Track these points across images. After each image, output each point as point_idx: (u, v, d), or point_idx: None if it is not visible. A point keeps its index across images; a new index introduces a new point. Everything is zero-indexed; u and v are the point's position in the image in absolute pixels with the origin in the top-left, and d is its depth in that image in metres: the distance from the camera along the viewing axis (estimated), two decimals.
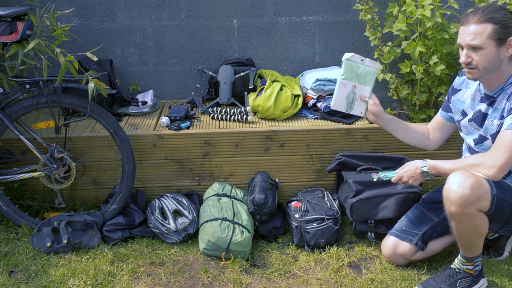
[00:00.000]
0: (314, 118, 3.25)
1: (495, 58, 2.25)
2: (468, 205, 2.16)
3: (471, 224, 2.21)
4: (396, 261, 2.60)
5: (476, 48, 2.24)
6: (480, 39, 2.22)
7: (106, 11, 3.49)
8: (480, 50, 2.24)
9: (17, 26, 2.64)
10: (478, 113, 2.40)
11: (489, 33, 2.21)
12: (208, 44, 3.58)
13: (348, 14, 3.56)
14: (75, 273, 2.54)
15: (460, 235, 2.28)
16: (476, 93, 2.44)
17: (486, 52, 2.23)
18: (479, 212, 2.20)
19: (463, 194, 2.15)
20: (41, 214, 3.00)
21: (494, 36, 2.21)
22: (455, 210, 2.19)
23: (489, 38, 2.22)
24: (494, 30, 2.21)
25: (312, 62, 3.65)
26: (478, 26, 2.22)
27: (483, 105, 2.39)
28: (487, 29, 2.21)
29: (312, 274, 2.58)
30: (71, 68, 2.63)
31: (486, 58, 2.24)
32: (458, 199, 2.16)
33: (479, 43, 2.23)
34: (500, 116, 2.31)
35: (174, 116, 3.14)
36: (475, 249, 2.32)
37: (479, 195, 2.16)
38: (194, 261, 2.68)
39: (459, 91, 2.54)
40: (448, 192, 2.19)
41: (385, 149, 3.10)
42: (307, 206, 2.85)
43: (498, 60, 2.26)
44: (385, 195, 2.77)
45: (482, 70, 2.27)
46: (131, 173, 2.89)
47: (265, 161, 3.10)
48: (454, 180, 2.18)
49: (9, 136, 2.97)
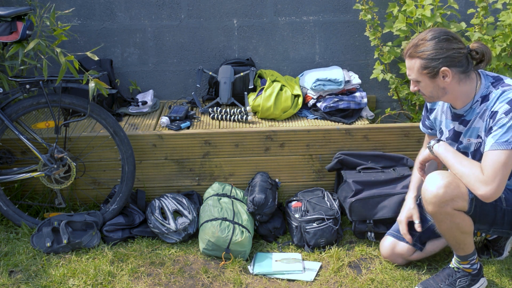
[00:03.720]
0: (314, 118, 3.25)
1: (434, 88, 2.23)
2: (443, 205, 2.18)
3: (451, 222, 2.24)
4: (394, 261, 2.60)
5: (414, 81, 2.25)
6: (413, 74, 2.22)
7: (106, 11, 3.49)
8: (418, 82, 2.24)
9: (17, 26, 2.64)
10: (452, 131, 2.39)
11: (418, 68, 2.20)
12: (208, 44, 3.58)
13: (348, 14, 3.56)
14: (75, 273, 2.54)
15: (444, 233, 2.31)
16: (447, 111, 2.41)
17: (423, 84, 2.23)
18: (457, 211, 2.21)
19: (437, 194, 2.17)
20: (41, 214, 3.00)
21: (423, 70, 2.19)
22: (431, 210, 2.23)
23: (419, 73, 2.20)
24: (421, 65, 2.18)
25: (312, 62, 3.65)
26: (409, 61, 2.22)
27: (455, 123, 2.37)
28: (416, 65, 2.20)
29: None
30: (71, 68, 2.63)
31: (426, 89, 2.24)
32: (432, 199, 2.19)
33: (414, 77, 2.23)
34: (476, 135, 2.29)
35: (174, 116, 3.14)
36: (465, 247, 2.32)
37: (454, 195, 2.17)
38: (194, 261, 2.68)
39: (434, 110, 2.50)
40: (424, 192, 2.24)
41: (385, 149, 3.10)
42: (307, 206, 2.85)
43: (439, 88, 2.22)
44: (384, 195, 2.77)
45: (429, 98, 2.29)
46: (131, 173, 2.89)
47: (265, 161, 3.11)
48: (431, 180, 2.22)
49: (9, 136, 2.97)
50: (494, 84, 2.23)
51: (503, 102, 2.15)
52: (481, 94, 2.24)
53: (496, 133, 2.14)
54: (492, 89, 2.22)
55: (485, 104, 2.22)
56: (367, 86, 3.70)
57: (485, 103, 2.22)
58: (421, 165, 2.45)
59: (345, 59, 3.65)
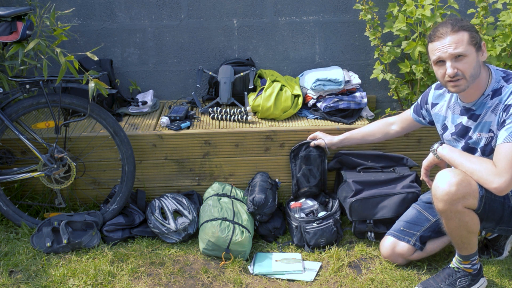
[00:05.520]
0: (314, 118, 3.25)
1: (477, 63, 2.24)
2: (454, 202, 2.18)
3: (459, 221, 2.23)
4: (395, 261, 2.60)
5: (461, 56, 2.22)
6: (462, 46, 2.21)
7: (106, 11, 3.49)
8: (464, 58, 2.22)
9: (17, 26, 2.64)
10: (460, 126, 2.39)
11: (468, 39, 2.21)
12: (208, 44, 3.58)
13: (348, 14, 3.56)
14: (75, 273, 2.54)
15: (451, 232, 2.31)
16: (455, 106, 2.41)
17: (470, 59, 2.22)
18: (467, 209, 2.22)
19: (449, 191, 2.17)
20: (41, 214, 3.00)
21: (472, 41, 2.22)
22: (442, 207, 2.22)
23: (469, 44, 2.22)
24: (470, 36, 2.22)
25: (312, 62, 3.65)
26: (455, 35, 2.22)
27: (464, 118, 2.37)
28: (464, 37, 2.21)
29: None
30: (71, 68, 2.63)
31: (471, 65, 2.23)
32: (444, 196, 2.19)
33: (463, 50, 2.21)
34: (487, 129, 2.29)
35: (174, 116, 3.14)
36: (468, 247, 2.32)
37: (465, 192, 2.18)
38: (194, 261, 2.68)
39: (437, 105, 2.51)
40: (436, 189, 2.23)
41: (384, 149, 3.10)
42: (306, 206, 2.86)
43: (479, 65, 2.25)
44: (384, 195, 2.77)
45: (469, 78, 2.24)
46: (131, 173, 2.89)
47: (265, 161, 3.11)
48: (442, 177, 2.22)
49: (9, 136, 2.97)
50: (506, 78, 2.26)
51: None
52: (492, 88, 2.26)
53: (510, 125, 2.16)
54: (504, 83, 2.25)
55: (497, 98, 2.24)
56: (367, 86, 3.70)
57: (497, 97, 2.24)
58: (425, 170, 2.46)
59: (345, 59, 3.65)
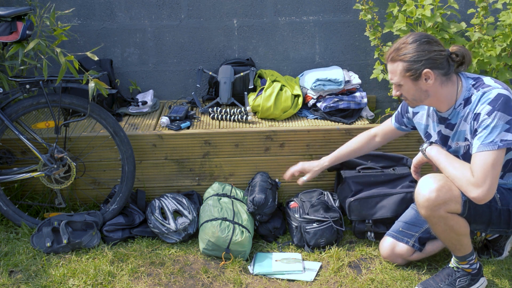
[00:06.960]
0: (314, 118, 3.25)
1: (417, 91, 2.22)
2: (436, 208, 2.18)
3: (444, 225, 2.23)
4: (394, 261, 2.60)
5: (397, 85, 2.25)
6: (396, 77, 2.22)
7: (106, 11, 3.49)
8: (400, 86, 2.24)
9: (17, 26, 2.64)
10: (440, 135, 2.39)
11: (401, 71, 2.20)
12: (208, 44, 3.58)
13: (348, 14, 3.56)
14: (75, 273, 2.54)
15: (439, 235, 2.32)
16: (433, 115, 2.41)
17: (405, 87, 2.23)
18: (451, 214, 2.21)
19: (430, 198, 2.18)
20: (41, 214, 3.00)
21: (405, 73, 2.19)
22: (424, 213, 2.23)
23: (402, 76, 2.20)
24: (404, 68, 2.18)
25: (312, 62, 3.65)
26: (392, 65, 2.23)
27: (441, 127, 2.37)
28: (398, 68, 2.20)
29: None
30: (71, 68, 2.63)
31: (409, 92, 2.24)
32: (424, 203, 2.20)
33: (397, 81, 2.23)
34: (463, 138, 2.28)
35: (174, 116, 3.14)
36: (461, 248, 2.32)
37: (446, 198, 2.17)
38: (194, 261, 2.68)
39: (417, 113, 2.50)
40: (417, 196, 2.24)
41: (384, 149, 3.10)
42: (307, 206, 2.85)
43: (422, 91, 2.22)
44: (383, 194, 2.77)
45: (412, 101, 2.27)
46: (131, 173, 2.89)
47: (265, 161, 3.11)
48: (423, 183, 2.22)
49: (9, 136, 2.97)
50: (475, 85, 2.23)
51: (484, 103, 2.15)
52: (463, 97, 2.24)
53: (481, 134, 2.13)
54: (473, 91, 2.22)
55: (468, 106, 2.22)
56: (367, 86, 3.70)
57: (468, 105, 2.22)
58: (415, 168, 2.46)
59: (345, 59, 3.65)
